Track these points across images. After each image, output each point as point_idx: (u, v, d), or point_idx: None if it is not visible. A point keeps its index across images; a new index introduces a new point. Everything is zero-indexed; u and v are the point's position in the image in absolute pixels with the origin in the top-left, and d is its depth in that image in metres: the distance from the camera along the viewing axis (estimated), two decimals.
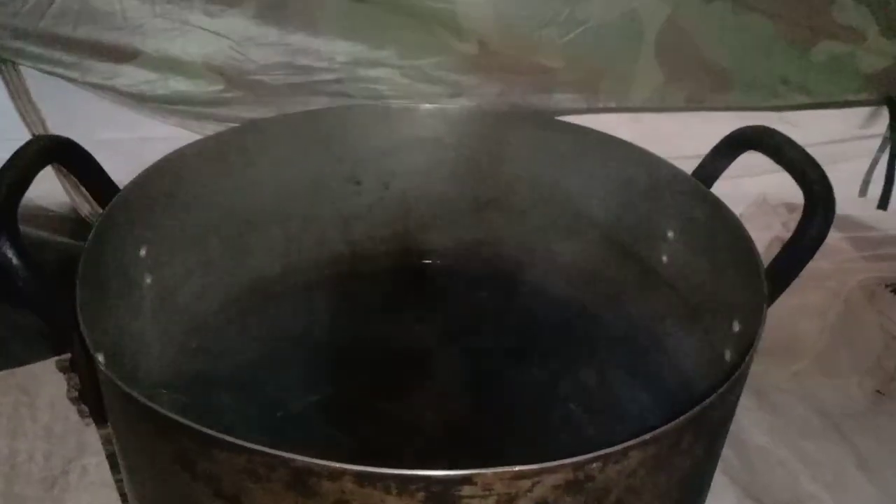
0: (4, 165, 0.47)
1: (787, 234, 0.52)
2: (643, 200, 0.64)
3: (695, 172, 0.60)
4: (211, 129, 0.84)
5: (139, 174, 0.57)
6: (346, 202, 0.72)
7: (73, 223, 0.89)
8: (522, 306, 0.71)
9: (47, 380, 0.73)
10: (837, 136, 0.95)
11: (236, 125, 0.71)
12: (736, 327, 0.52)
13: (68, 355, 0.71)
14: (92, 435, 0.68)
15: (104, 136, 0.80)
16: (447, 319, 0.70)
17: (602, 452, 0.35)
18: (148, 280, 0.59)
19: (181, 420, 0.36)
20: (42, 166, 0.50)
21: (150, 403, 0.37)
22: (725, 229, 0.55)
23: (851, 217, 0.98)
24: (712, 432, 0.42)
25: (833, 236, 0.94)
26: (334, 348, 0.67)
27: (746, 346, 0.43)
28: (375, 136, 0.70)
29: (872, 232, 0.96)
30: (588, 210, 0.69)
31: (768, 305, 0.47)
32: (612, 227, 0.67)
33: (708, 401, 0.38)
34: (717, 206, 0.57)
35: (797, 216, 0.50)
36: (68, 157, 0.53)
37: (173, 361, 0.62)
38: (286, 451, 0.34)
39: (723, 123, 0.76)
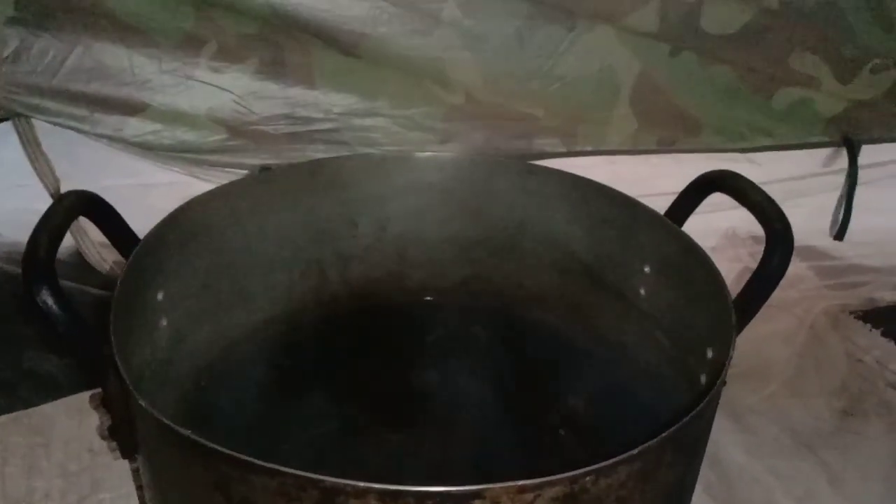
0: (41, 221, 0.51)
1: (755, 265, 0.57)
2: (621, 238, 0.70)
3: (667, 212, 0.66)
4: (214, 175, 0.89)
5: (159, 223, 0.62)
6: (345, 244, 0.76)
7: (78, 269, 0.93)
8: (512, 338, 0.76)
9: (60, 420, 0.76)
10: (800, 174, 1.02)
11: (244, 176, 0.76)
12: (710, 354, 0.57)
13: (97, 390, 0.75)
14: (106, 471, 0.72)
15: (108, 183, 0.85)
16: (441, 351, 0.75)
17: (594, 467, 0.39)
18: (164, 322, 0.63)
19: (218, 448, 0.40)
20: (73, 219, 0.55)
21: (187, 433, 0.41)
22: (697, 264, 0.61)
23: (815, 248, 1.04)
24: (691, 447, 0.47)
25: (798, 266, 1.02)
26: (335, 382, 0.72)
27: (718, 370, 0.48)
28: (373, 182, 0.75)
29: (836, 261, 1.03)
30: (570, 248, 0.74)
31: (737, 334, 0.52)
32: (593, 264, 0.73)
33: (685, 419, 0.43)
34: (688, 244, 0.62)
35: (763, 248, 0.56)
36: (94, 209, 0.57)
37: (184, 399, 0.66)
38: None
39: (693, 164, 0.84)
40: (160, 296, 0.62)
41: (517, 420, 0.68)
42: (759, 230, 0.57)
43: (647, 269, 0.67)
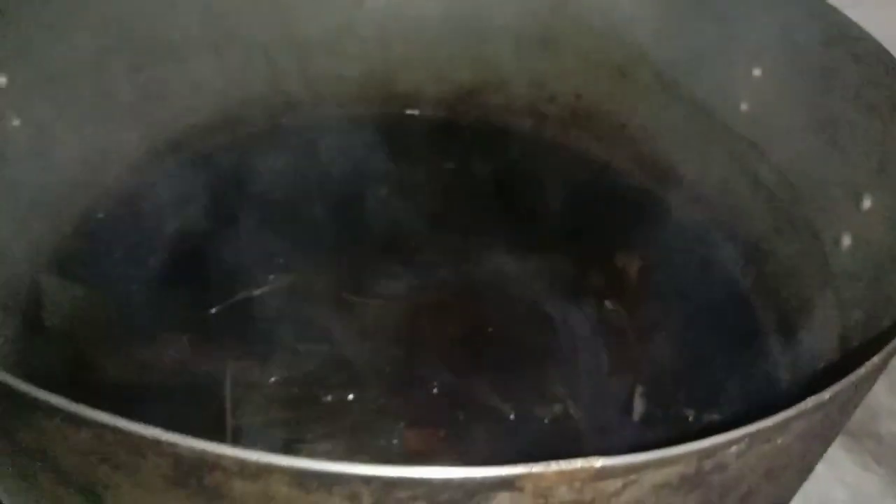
0: None
1: None
2: (716, 23, 0.46)
3: None
4: None
5: None
6: (303, 24, 0.53)
7: None
8: (537, 173, 0.55)
9: None
10: None
11: None
12: (867, 203, 0.36)
13: None
14: None
15: None
16: (433, 185, 0.54)
17: (750, 429, 0.19)
18: (15, 122, 0.41)
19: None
20: None
21: None
22: (850, 57, 0.38)
23: None
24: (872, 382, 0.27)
25: None
26: (289, 220, 0.50)
27: None
28: None
29: None
30: (636, 42, 0.51)
31: None
32: (666, 64, 0.50)
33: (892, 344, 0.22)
34: (837, 23, 0.39)
35: None
36: None
37: (67, 238, 0.46)
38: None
39: None
40: (3, 79, 0.40)
41: (546, 285, 0.47)
42: None
43: (756, 72, 0.44)
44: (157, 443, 0.18)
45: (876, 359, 0.21)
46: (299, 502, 0.18)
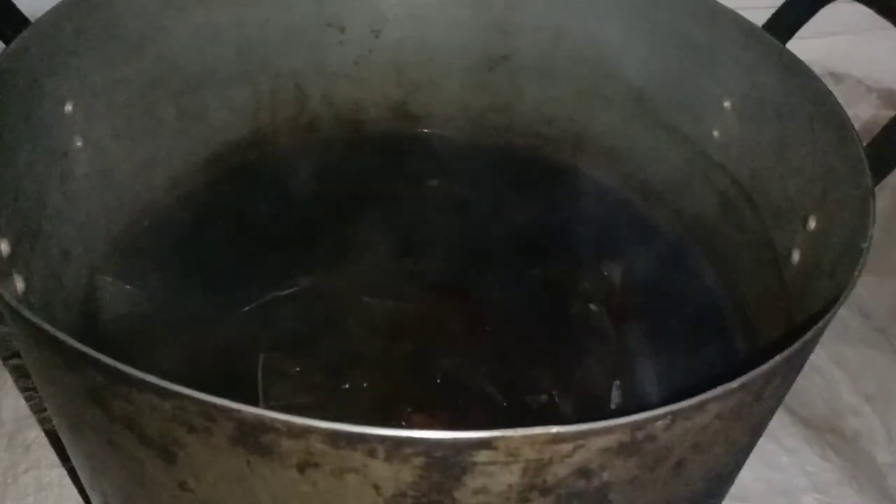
0: None
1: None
2: (694, 59, 0.52)
3: (765, 25, 0.48)
4: None
5: (59, 4, 0.44)
6: (327, 54, 0.59)
7: None
8: (535, 187, 0.60)
9: None
10: None
11: None
12: (812, 224, 0.42)
13: None
14: None
15: None
16: (447, 202, 0.60)
17: (672, 408, 0.25)
18: (78, 144, 0.47)
19: (88, 352, 0.25)
20: None
21: (42, 324, 0.26)
22: (804, 98, 0.44)
23: None
24: (799, 367, 0.32)
25: (885, 115, 0.83)
26: (311, 231, 0.57)
27: (849, 261, 0.33)
28: None
29: None
30: (621, 70, 0.56)
31: (874, 201, 0.36)
32: (649, 92, 0.55)
33: (808, 334, 0.28)
34: (795, 67, 0.45)
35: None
36: None
37: (118, 246, 0.52)
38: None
39: None
40: (69, 107, 0.46)
41: (540, 286, 0.53)
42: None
43: (726, 104, 0.50)
44: (226, 409, 0.24)
45: (779, 357, 0.27)
46: (331, 456, 0.24)
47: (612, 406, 0.45)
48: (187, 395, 0.24)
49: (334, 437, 0.24)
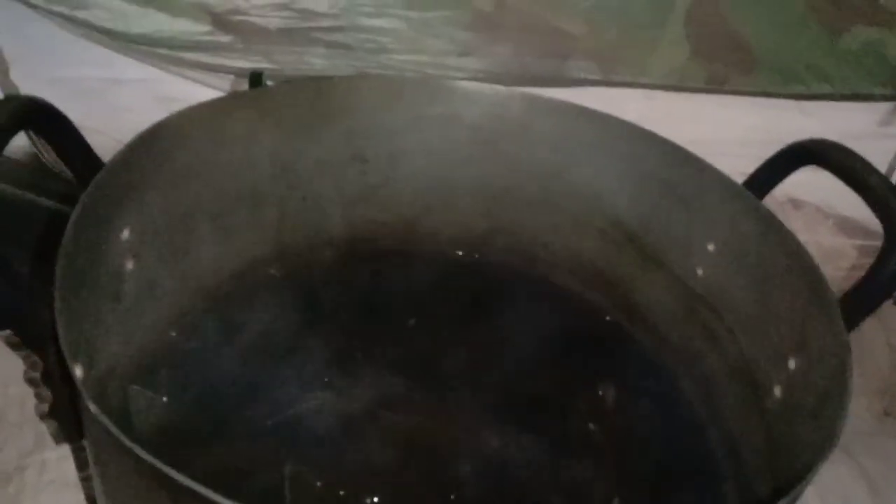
0: None
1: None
2: (680, 206, 0.59)
3: (746, 182, 0.55)
4: (194, 74, 0.76)
5: (127, 145, 0.50)
6: (350, 181, 0.65)
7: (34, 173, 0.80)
8: (534, 307, 0.66)
9: None
10: (855, 132, 0.91)
11: (234, 91, 0.63)
12: (792, 364, 0.48)
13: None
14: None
15: (66, 73, 0.71)
16: (452, 314, 0.65)
17: None
18: (129, 266, 0.51)
19: (193, 485, 0.29)
20: (13, 134, 0.42)
21: (142, 454, 0.30)
22: (780, 250, 0.51)
23: (858, 222, 0.95)
24: None
25: (840, 241, 0.92)
26: (332, 341, 0.61)
27: (834, 407, 0.38)
28: (387, 110, 0.63)
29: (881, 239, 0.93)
30: (614, 209, 0.63)
31: (850, 350, 0.42)
32: (639, 231, 0.62)
33: (798, 487, 0.33)
34: (772, 223, 0.52)
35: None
36: (45, 122, 0.45)
37: (152, 354, 0.55)
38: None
39: (738, 110, 0.72)
40: (125, 234, 0.50)
41: (540, 405, 0.58)
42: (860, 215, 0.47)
43: (710, 247, 0.57)
44: None
45: None
46: None
47: None
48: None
49: None
